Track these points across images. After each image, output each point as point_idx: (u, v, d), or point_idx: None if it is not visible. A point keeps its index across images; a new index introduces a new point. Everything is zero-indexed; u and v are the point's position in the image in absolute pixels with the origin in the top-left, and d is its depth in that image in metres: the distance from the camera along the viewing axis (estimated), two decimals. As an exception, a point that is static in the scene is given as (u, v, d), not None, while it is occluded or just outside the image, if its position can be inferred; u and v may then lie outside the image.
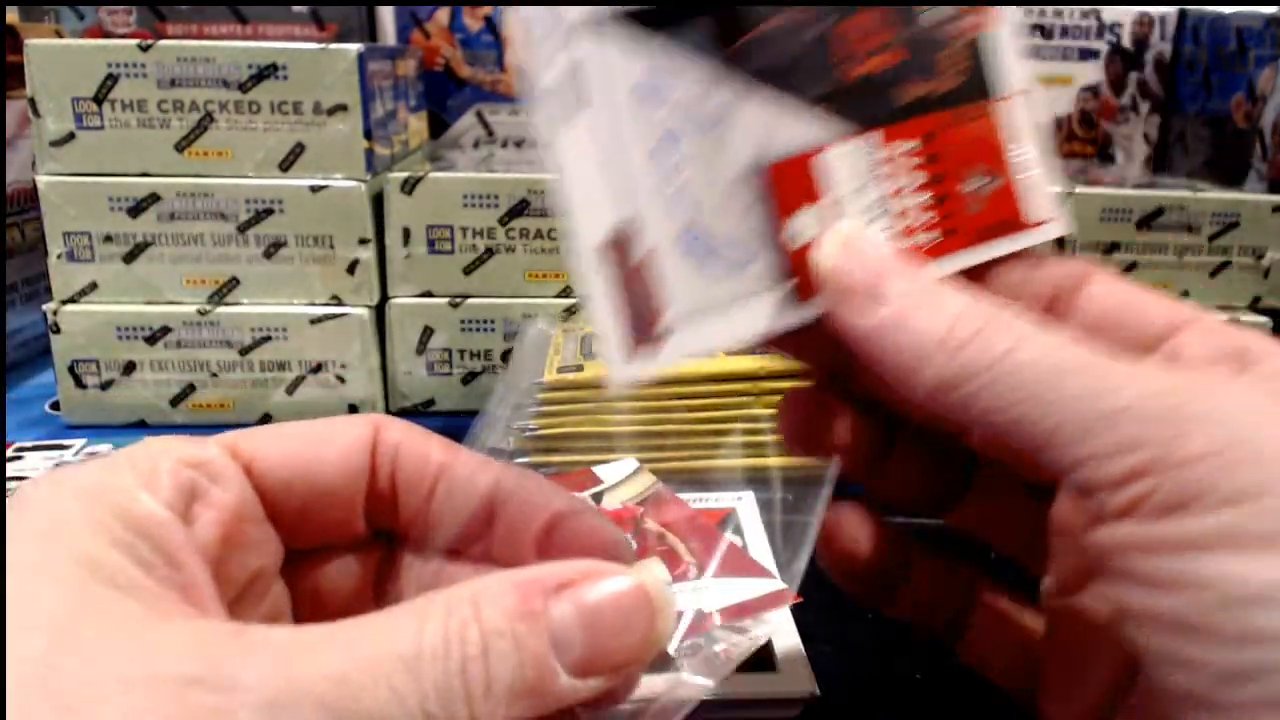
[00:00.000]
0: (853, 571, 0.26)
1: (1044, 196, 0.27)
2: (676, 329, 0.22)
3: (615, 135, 0.22)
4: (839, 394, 0.26)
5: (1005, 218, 0.26)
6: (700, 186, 0.23)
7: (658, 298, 0.22)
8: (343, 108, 0.44)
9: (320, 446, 0.23)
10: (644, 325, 0.22)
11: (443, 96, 0.67)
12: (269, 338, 0.46)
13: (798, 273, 0.23)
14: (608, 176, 0.22)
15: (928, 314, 0.21)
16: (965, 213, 0.25)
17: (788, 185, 0.23)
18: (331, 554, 0.25)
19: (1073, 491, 0.20)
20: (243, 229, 0.45)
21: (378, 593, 0.24)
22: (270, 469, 0.23)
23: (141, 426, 0.47)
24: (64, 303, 0.46)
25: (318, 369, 0.46)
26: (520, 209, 0.46)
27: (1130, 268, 0.49)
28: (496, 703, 0.18)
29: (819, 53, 0.24)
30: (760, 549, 0.33)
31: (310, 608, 0.25)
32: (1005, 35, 0.25)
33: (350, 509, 0.24)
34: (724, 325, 0.23)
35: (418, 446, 0.24)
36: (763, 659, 0.31)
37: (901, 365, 0.21)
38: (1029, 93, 0.26)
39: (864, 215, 0.24)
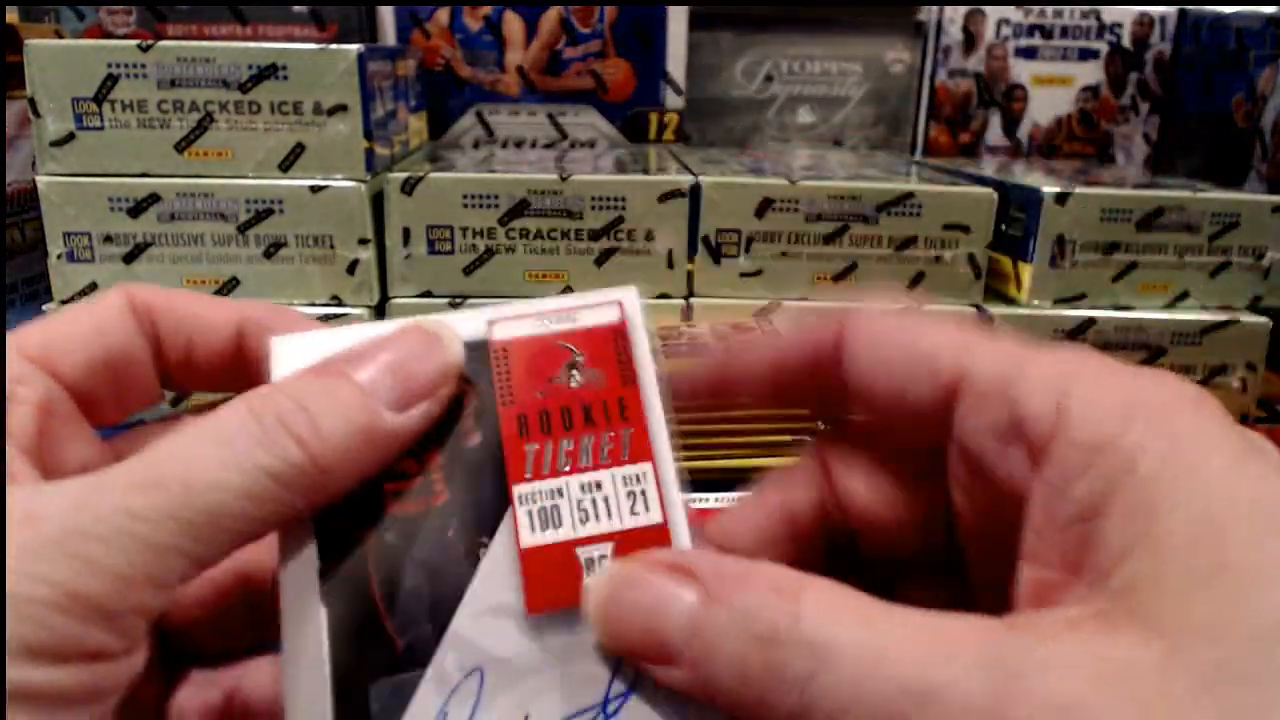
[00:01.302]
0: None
1: (602, 302, 0.24)
2: None
3: None
4: None
5: (615, 344, 0.23)
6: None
7: None
8: (343, 108, 0.44)
9: (96, 322, 0.24)
10: None
11: (443, 96, 0.67)
12: (269, 338, 0.46)
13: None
14: None
15: (719, 661, 0.17)
16: (601, 389, 0.22)
17: (542, 581, 0.20)
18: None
19: None
20: (243, 229, 0.45)
21: None
22: (65, 360, 0.23)
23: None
24: (64, 303, 0.46)
25: (318, 369, 0.46)
26: (520, 209, 0.46)
27: (1130, 268, 0.49)
28: (330, 443, 0.18)
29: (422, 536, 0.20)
30: None
31: None
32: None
33: (146, 377, 0.25)
34: None
35: (164, 300, 0.25)
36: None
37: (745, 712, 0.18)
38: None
39: (588, 507, 0.21)
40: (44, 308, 0.45)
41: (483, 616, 0.20)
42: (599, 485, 0.21)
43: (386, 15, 0.65)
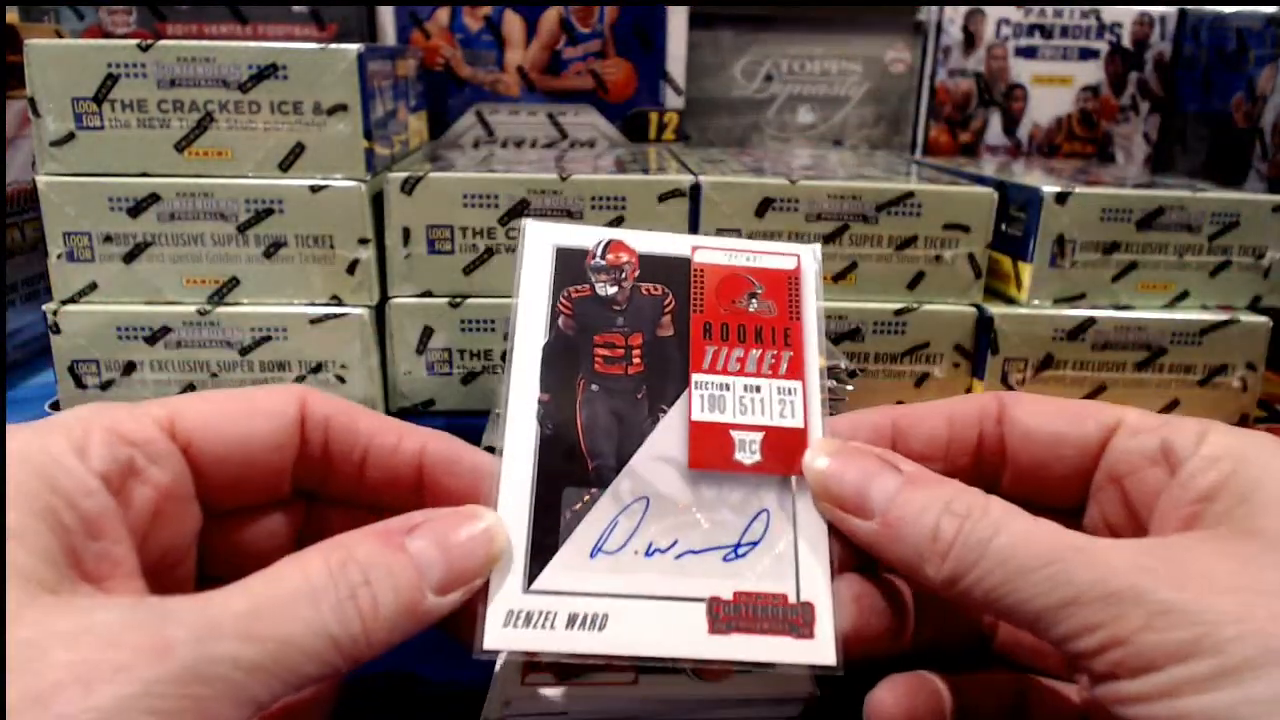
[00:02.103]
0: None
1: (786, 252, 0.31)
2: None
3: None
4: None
5: (789, 286, 0.30)
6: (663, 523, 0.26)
7: None
8: (343, 108, 0.44)
9: (252, 422, 0.26)
10: None
11: (443, 96, 0.67)
12: (269, 338, 0.46)
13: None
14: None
15: (913, 522, 0.24)
16: (772, 317, 0.29)
17: (704, 447, 0.27)
18: (255, 513, 0.27)
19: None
20: (243, 229, 0.45)
21: (300, 549, 0.26)
22: (206, 448, 0.25)
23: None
24: (64, 303, 0.46)
25: (318, 369, 0.46)
26: (520, 209, 0.46)
27: (1130, 268, 0.49)
28: (383, 622, 0.22)
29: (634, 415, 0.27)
30: None
31: (232, 564, 0.26)
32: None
33: (277, 477, 0.26)
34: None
35: (346, 418, 0.27)
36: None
37: (905, 566, 0.25)
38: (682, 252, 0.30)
39: (747, 403, 0.28)
40: (44, 307, 0.45)
41: (655, 461, 0.26)
42: (758, 389, 0.28)
43: (386, 15, 0.65)
